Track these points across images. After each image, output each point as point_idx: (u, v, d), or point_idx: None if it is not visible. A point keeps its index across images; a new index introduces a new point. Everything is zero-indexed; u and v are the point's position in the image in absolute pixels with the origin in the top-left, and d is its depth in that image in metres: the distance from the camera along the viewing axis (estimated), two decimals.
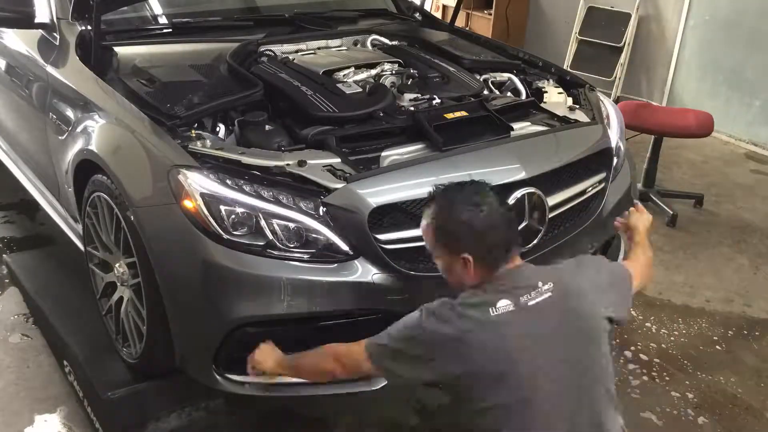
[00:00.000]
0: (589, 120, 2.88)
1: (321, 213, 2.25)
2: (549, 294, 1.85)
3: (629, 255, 2.26)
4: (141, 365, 2.56)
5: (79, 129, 2.71)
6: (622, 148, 2.98)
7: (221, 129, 2.57)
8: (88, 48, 2.84)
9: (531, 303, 1.83)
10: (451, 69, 3.04)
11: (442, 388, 1.92)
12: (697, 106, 5.31)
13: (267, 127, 2.52)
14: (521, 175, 2.44)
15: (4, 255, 3.61)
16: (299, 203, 2.24)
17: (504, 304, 1.81)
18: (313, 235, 2.24)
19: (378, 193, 2.28)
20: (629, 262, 2.19)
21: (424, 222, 1.98)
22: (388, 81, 2.93)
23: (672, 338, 3.36)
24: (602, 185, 2.80)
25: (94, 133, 2.62)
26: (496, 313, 1.81)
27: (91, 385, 2.62)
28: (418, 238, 2.34)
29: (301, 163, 2.31)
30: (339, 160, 2.37)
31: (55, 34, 3.02)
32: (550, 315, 1.84)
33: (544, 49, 6.72)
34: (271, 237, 2.22)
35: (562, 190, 2.64)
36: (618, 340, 3.29)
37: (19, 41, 3.27)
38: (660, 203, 4.46)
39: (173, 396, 2.57)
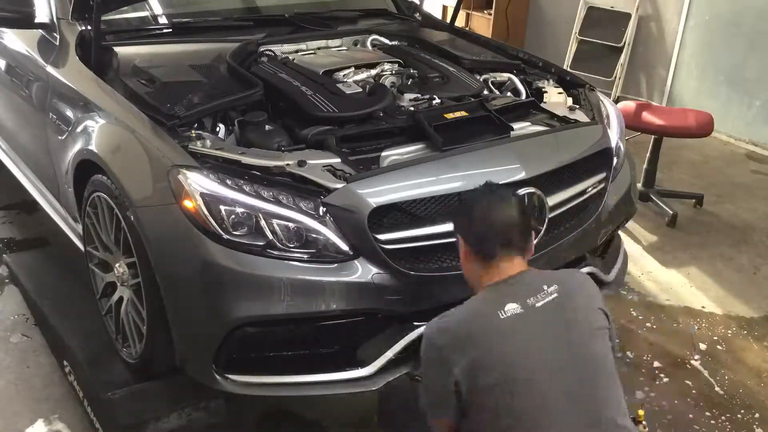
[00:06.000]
0: (589, 120, 2.88)
1: (321, 213, 2.25)
2: (555, 295, 1.89)
3: None
4: (141, 365, 2.56)
5: (79, 129, 2.71)
6: (622, 148, 2.98)
7: (221, 129, 2.57)
8: (88, 48, 2.84)
9: (538, 305, 1.87)
10: (451, 69, 3.04)
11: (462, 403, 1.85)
12: (697, 106, 5.30)
13: (267, 127, 2.52)
14: (521, 175, 2.44)
15: (4, 255, 3.61)
16: (299, 203, 2.24)
17: (512, 308, 1.85)
18: (313, 235, 2.24)
19: (378, 193, 2.28)
20: None
21: None
22: (388, 81, 2.93)
23: (672, 339, 3.36)
24: (602, 185, 2.80)
25: (94, 133, 2.62)
26: (504, 316, 1.84)
27: (91, 385, 2.63)
28: (418, 238, 2.35)
29: (301, 163, 2.31)
30: (339, 160, 2.37)
31: (55, 34, 3.02)
32: (556, 315, 1.88)
33: (544, 49, 6.72)
34: (271, 237, 2.22)
35: (562, 190, 2.63)
36: (618, 341, 3.30)
37: (19, 41, 3.27)
38: (660, 203, 4.46)
39: (173, 396, 2.57)
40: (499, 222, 1.95)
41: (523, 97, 3.02)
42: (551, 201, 2.54)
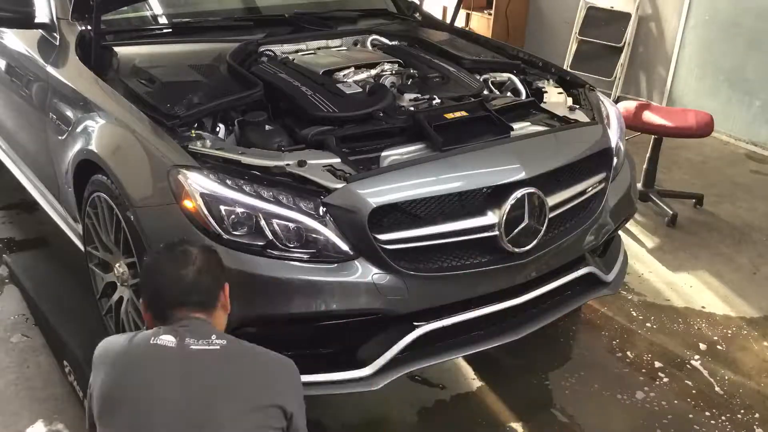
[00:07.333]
0: (589, 120, 2.88)
1: (321, 213, 2.25)
2: (218, 347, 1.76)
3: None
4: None
5: (79, 129, 2.72)
6: (622, 148, 2.98)
7: (221, 129, 2.57)
8: (88, 48, 2.85)
9: (193, 347, 1.75)
10: (451, 69, 3.04)
11: None
12: (697, 106, 5.30)
13: (267, 127, 2.52)
14: (521, 175, 2.44)
15: (4, 255, 3.61)
16: (299, 203, 2.24)
17: (167, 339, 1.76)
18: (313, 235, 2.24)
19: (378, 193, 2.28)
20: None
21: None
22: (388, 81, 2.93)
23: (672, 339, 3.36)
24: (602, 185, 2.80)
25: (94, 133, 2.62)
26: (153, 341, 1.75)
27: (91, 385, 2.62)
28: (419, 238, 2.36)
29: (301, 163, 2.31)
30: (339, 160, 2.37)
31: (55, 34, 3.02)
32: (206, 365, 1.74)
33: (544, 49, 6.72)
34: (271, 237, 2.22)
35: (562, 190, 2.64)
36: (618, 340, 3.30)
37: (19, 41, 3.27)
38: (660, 203, 4.46)
39: None
40: (168, 291, 1.84)
41: (523, 97, 3.02)
42: (551, 201, 2.54)
